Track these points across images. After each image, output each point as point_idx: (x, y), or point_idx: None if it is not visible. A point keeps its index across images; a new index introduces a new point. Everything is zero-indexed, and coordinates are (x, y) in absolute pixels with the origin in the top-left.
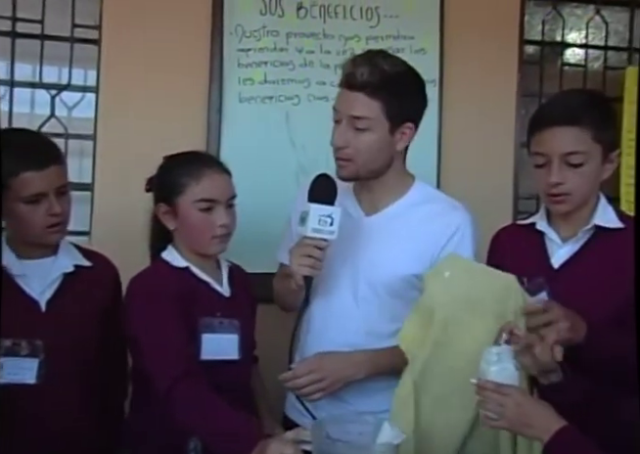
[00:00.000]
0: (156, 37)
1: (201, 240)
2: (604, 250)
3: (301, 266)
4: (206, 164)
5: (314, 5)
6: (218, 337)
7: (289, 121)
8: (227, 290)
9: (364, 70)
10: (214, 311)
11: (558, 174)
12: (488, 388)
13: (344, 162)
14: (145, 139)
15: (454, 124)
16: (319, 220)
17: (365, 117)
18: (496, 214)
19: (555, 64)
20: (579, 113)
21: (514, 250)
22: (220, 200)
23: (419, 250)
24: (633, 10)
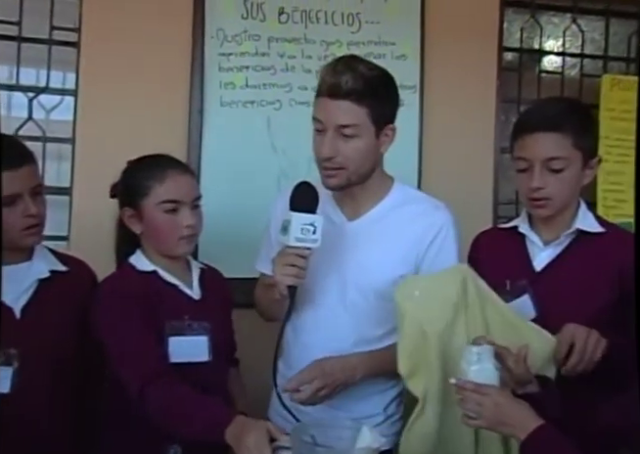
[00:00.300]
0: (136, 40)
1: (167, 241)
2: (585, 254)
3: (285, 276)
4: (169, 166)
5: (296, 10)
6: (187, 339)
7: (270, 126)
8: (197, 292)
9: (347, 78)
10: (182, 314)
11: (539, 179)
12: (467, 388)
13: (335, 171)
14: (124, 143)
15: (435, 130)
16: (302, 229)
17: (353, 125)
18: (476, 219)
19: (533, 70)
20: (560, 120)
21: (495, 254)
22: (185, 200)
23: (404, 251)
24: (608, 19)
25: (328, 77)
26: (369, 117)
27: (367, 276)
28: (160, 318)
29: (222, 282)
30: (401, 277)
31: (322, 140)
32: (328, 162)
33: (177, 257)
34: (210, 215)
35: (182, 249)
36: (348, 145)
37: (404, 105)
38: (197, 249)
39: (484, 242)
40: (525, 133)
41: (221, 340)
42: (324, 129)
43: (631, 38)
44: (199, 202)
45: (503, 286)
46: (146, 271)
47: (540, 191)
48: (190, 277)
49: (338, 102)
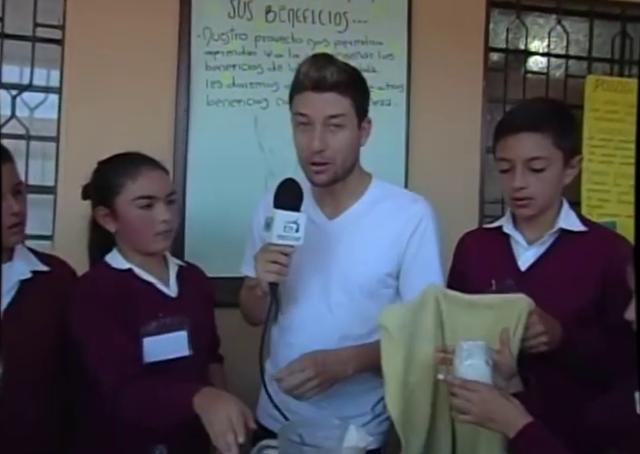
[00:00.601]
0: (121, 38)
1: (143, 238)
2: (569, 253)
3: (267, 272)
4: (141, 163)
5: (283, 9)
6: (164, 337)
7: (257, 125)
8: (174, 290)
9: (332, 71)
10: (157, 312)
11: (521, 179)
12: (455, 384)
13: (323, 167)
14: (109, 141)
15: (421, 129)
16: (284, 227)
17: (341, 115)
18: (463, 218)
19: (519, 71)
20: (540, 121)
21: (481, 254)
22: (159, 196)
23: (387, 247)
24: (592, 21)
25: (312, 72)
26: (353, 108)
27: (351, 274)
28: (136, 317)
29: (203, 279)
30: (386, 275)
31: (310, 134)
32: (317, 157)
33: (153, 254)
34: (197, 215)
35: (159, 245)
36: (336, 137)
37: (391, 104)
38: (182, 247)
39: (470, 242)
40: (506, 134)
41: (201, 335)
42: (310, 123)
43: (615, 39)
44: (173, 197)
45: (489, 286)
46: (121, 269)
47: (522, 191)
48: (167, 274)
49: (324, 94)
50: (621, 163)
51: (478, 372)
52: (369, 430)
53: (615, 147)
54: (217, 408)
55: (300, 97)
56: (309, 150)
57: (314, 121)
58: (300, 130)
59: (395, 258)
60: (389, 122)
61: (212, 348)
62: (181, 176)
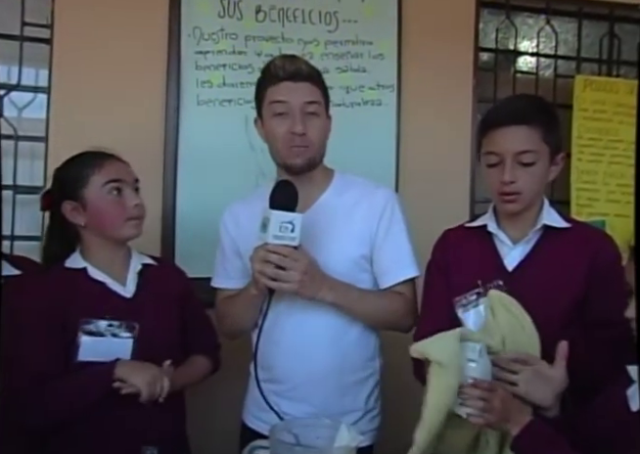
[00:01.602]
0: (111, 37)
1: (115, 224)
2: (554, 250)
3: (264, 273)
4: (105, 155)
5: (273, 9)
6: (105, 339)
7: (248, 125)
8: (130, 290)
9: (303, 64)
10: (104, 313)
11: (511, 173)
12: (481, 387)
13: (303, 148)
14: (99, 142)
15: (412, 128)
16: (280, 227)
17: (317, 102)
18: (453, 217)
19: (508, 71)
20: (530, 114)
21: (464, 253)
22: (127, 180)
23: (359, 233)
24: (581, 21)
25: (287, 65)
26: (323, 98)
27: (329, 264)
28: (76, 318)
29: (174, 278)
30: (361, 258)
31: (290, 120)
32: (298, 140)
33: (122, 245)
34: (188, 214)
35: (130, 231)
36: (313, 123)
37: (382, 104)
38: (173, 246)
39: (452, 240)
40: (494, 128)
41: (158, 338)
42: (288, 110)
43: (603, 40)
44: (137, 185)
45: (475, 285)
46: (75, 269)
47: (512, 185)
48: (127, 273)
49: (300, 83)
50: (610, 163)
51: (486, 371)
52: (361, 426)
53: (603, 146)
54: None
55: (277, 87)
56: (290, 134)
57: (293, 108)
58: (278, 119)
59: (368, 241)
60: (380, 122)
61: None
62: (171, 176)
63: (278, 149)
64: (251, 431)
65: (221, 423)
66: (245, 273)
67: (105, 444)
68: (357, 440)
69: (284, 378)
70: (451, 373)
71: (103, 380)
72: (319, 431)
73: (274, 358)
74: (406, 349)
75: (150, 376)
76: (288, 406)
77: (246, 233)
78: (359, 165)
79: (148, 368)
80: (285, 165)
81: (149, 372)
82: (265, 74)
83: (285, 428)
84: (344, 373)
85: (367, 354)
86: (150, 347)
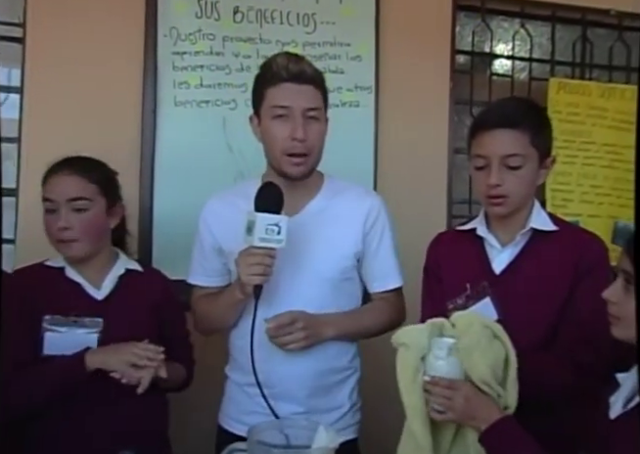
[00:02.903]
0: (85, 36)
1: (51, 243)
2: (541, 253)
3: (251, 275)
4: (61, 167)
5: (251, 9)
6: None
7: (226, 126)
8: (104, 293)
9: (307, 66)
10: (71, 311)
11: (497, 176)
12: (442, 385)
13: (302, 158)
14: (74, 143)
15: (390, 130)
16: (266, 229)
17: (318, 108)
18: (431, 217)
19: (484, 73)
20: (518, 118)
21: (454, 257)
22: (58, 200)
23: (348, 238)
24: (554, 25)
25: (291, 65)
26: (323, 102)
27: (317, 270)
28: (42, 312)
29: (156, 287)
30: (351, 266)
31: (291, 125)
32: (299, 147)
33: (76, 261)
34: (165, 217)
35: (64, 251)
36: (313, 128)
37: (360, 105)
38: (150, 249)
39: (443, 244)
40: (482, 130)
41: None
42: (289, 114)
43: (576, 44)
44: (83, 204)
45: (464, 289)
46: (54, 267)
47: (498, 188)
48: (104, 276)
49: (303, 86)
50: (583, 164)
51: (456, 369)
52: (346, 420)
53: (577, 148)
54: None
55: (279, 89)
56: (291, 140)
57: (295, 113)
58: (278, 122)
59: (357, 246)
60: (358, 123)
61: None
62: (148, 178)
63: (275, 153)
64: (228, 434)
65: (195, 426)
66: (224, 271)
67: (84, 444)
68: (336, 442)
69: (267, 381)
70: (411, 352)
71: (69, 371)
72: (296, 432)
73: (257, 362)
74: (385, 349)
75: (129, 355)
76: (275, 404)
77: (229, 232)
78: (337, 167)
79: (118, 347)
80: (281, 172)
81: (122, 349)
82: (266, 72)
83: (261, 430)
84: (327, 374)
85: (349, 356)
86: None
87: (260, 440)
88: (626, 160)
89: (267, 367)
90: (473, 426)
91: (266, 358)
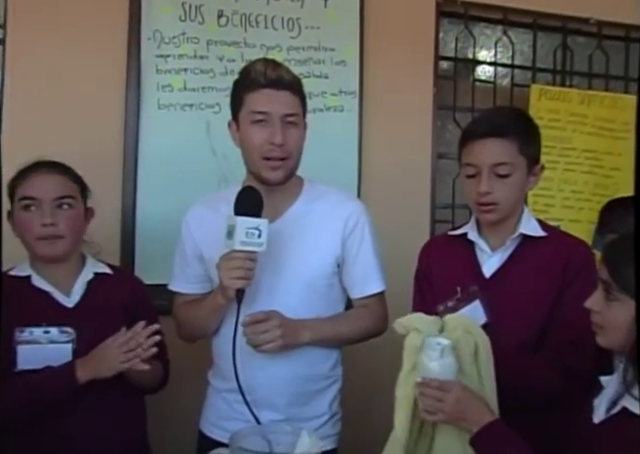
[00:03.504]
0: (68, 38)
1: (25, 241)
2: (530, 258)
3: (233, 279)
4: (39, 166)
5: (235, 13)
6: (42, 347)
7: (209, 130)
8: (74, 299)
9: (284, 72)
10: (42, 321)
11: (487, 184)
12: (432, 386)
13: (280, 162)
14: (55, 146)
15: (374, 135)
16: (246, 233)
17: (296, 114)
18: (414, 222)
19: (467, 79)
20: (506, 127)
21: (446, 261)
22: (42, 198)
23: (328, 243)
24: (536, 32)
25: (269, 71)
26: (301, 107)
27: (297, 275)
28: (9, 326)
29: (126, 288)
30: (331, 272)
31: (269, 130)
32: (277, 151)
33: (49, 261)
34: (148, 220)
35: (42, 250)
36: (292, 133)
37: (344, 110)
38: (133, 253)
39: (434, 248)
40: (472, 140)
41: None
42: (268, 119)
43: (557, 51)
44: (67, 201)
45: (454, 293)
46: (20, 276)
47: (488, 196)
48: (74, 283)
49: (281, 92)
50: (565, 170)
51: (449, 370)
52: (326, 430)
53: (558, 154)
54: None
55: (257, 94)
56: (269, 144)
57: (273, 118)
58: (257, 127)
59: (337, 251)
60: (342, 128)
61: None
62: (131, 181)
63: (254, 158)
64: (209, 440)
65: (176, 431)
66: (205, 278)
67: (64, 450)
68: (318, 447)
69: (247, 387)
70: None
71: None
72: (278, 438)
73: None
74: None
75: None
76: (257, 412)
77: (210, 238)
78: (322, 171)
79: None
80: (259, 177)
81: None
82: (245, 78)
83: (243, 436)
84: (307, 381)
85: (329, 363)
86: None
87: (242, 447)
88: (606, 166)
89: (248, 373)
90: (464, 427)
91: (247, 364)
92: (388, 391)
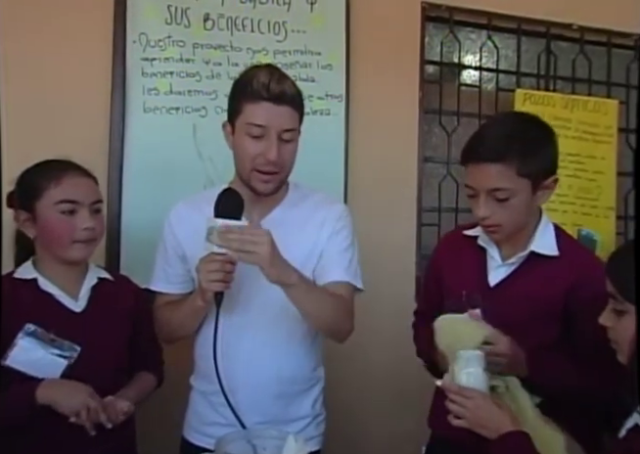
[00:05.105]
0: (53, 41)
1: (61, 244)
2: (536, 275)
3: (212, 282)
4: (68, 168)
5: (221, 17)
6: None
7: (196, 133)
8: (82, 304)
9: (288, 86)
10: (50, 326)
11: (485, 208)
12: (452, 391)
13: (272, 176)
14: (39, 149)
15: (360, 139)
16: None
17: (293, 129)
18: (401, 226)
19: (453, 83)
20: (504, 150)
21: (456, 261)
22: (83, 201)
23: (309, 247)
24: (520, 37)
25: (273, 84)
26: (299, 121)
27: None
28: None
29: (126, 293)
30: (310, 270)
31: (265, 144)
32: (270, 166)
33: (73, 264)
34: (134, 224)
35: (77, 253)
36: (287, 149)
37: (330, 114)
38: (118, 257)
39: (447, 247)
40: (469, 162)
41: (104, 356)
42: (265, 134)
43: (540, 56)
44: (98, 205)
45: (460, 295)
46: (25, 279)
47: (487, 219)
48: (80, 287)
49: (282, 107)
50: None
51: (475, 379)
52: (310, 432)
53: None
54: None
55: (257, 107)
56: (263, 159)
57: (270, 132)
58: (252, 139)
59: (316, 254)
60: (329, 132)
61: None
62: (116, 185)
63: (245, 168)
64: (192, 447)
65: (160, 438)
66: (187, 278)
67: None
68: (305, 451)
69: (229, 388)
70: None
71: (21, 404)
72: (265, 442)
73: (220, 371)
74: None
75: (78, 404)
76: (241, 414)
77: (193, 238)
78: (308, 174)
79: (75, 395)
80: (249, 186)
81: (77, 398)
82: (246, 87)
83: (229, 441)
84: (291, 383)
85: (312, 364)
86: (93, 365)
87: (228, 452)
88: (589, 170)
89: (229, 374)
90: (484, 435)
91: (228, 365)
92: (371, 391)
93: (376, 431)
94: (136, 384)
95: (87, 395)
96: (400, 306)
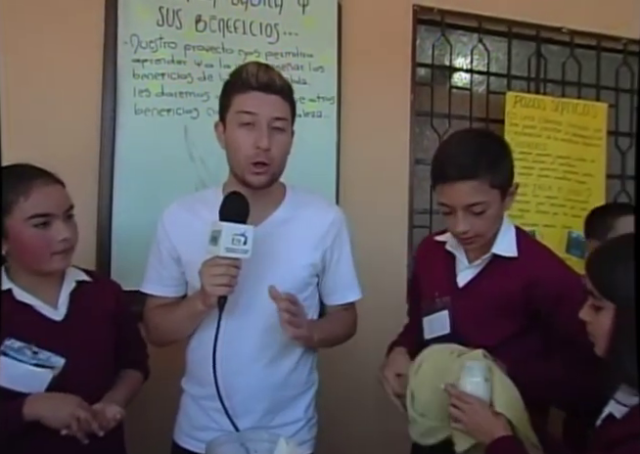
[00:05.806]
0: (44, 42)
1: (39, 259)
2: (497, 277)
3: (216, 286)
4: (34, 177)
5: (213, 18)
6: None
7: (187, 135)
8: (62, 312)
9: (277, 76)
10: (31, 339)
11: (464, 223)
12: (452, 394)
13: (265, 167)
14: (29, 151)
15: (352, 141)
16: (232, 239)
17: (284, 118)
18: (392, 228)
19: (444, 86)
20: (475, 167)
21: (429, 265)
22: (56, 213)
23: (309, 249)
24: (510, 40)
25: (261, 74)
26: (290, 114)
27: (278, 280)
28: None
29: (108, 293)
30: (310, 277)
31: (257, 133)
32: (262, 156)
33: (50, 274)
34: (125, 226)
35: (57, 264)
36: (278, 139)
37: (322, 116)
38: (109, 260)
39: (423, 251)
40: (441, 182)
41: (89, 363)
42: (255, 122)
43: (531, 59)
44: (71, 212)
45: (433, 298)
46: None
47: (467, 233)
48: (58, 295)
49: (271, 96)
50: (539, 176)
51: (477, 388)
52: (302, 435)
53: (533, 160)
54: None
55: (247, 96)
56: (255, 148)
57: (260, 121)
58: (244, 130)
59: (316, 261)
60: (320, 133)
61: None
62: (107, 186)
63: (239, 161)
64: (182, 451)
65: (151, 442)
66: (181, 281)
67: None
68: (296, 453)
69: (224, 393)
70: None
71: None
72: (256, 445)
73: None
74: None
75: (67, 416)
76: (235, 418)
77: (188, 240)
78: (300, 176)
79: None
80: (243, 180)
81: (65, 411)
82: (235, 80)
83: (220, 444)
84: (286, 388)
85: (306, 369)
86: (80, 374)
87: None
88: (579, 172)
89: (224, 379)
90: (480, 440)
91: (223, 370)
92: (363, 394)
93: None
94: (123, 384)
95: (75, 406)
96: (391, 309)
